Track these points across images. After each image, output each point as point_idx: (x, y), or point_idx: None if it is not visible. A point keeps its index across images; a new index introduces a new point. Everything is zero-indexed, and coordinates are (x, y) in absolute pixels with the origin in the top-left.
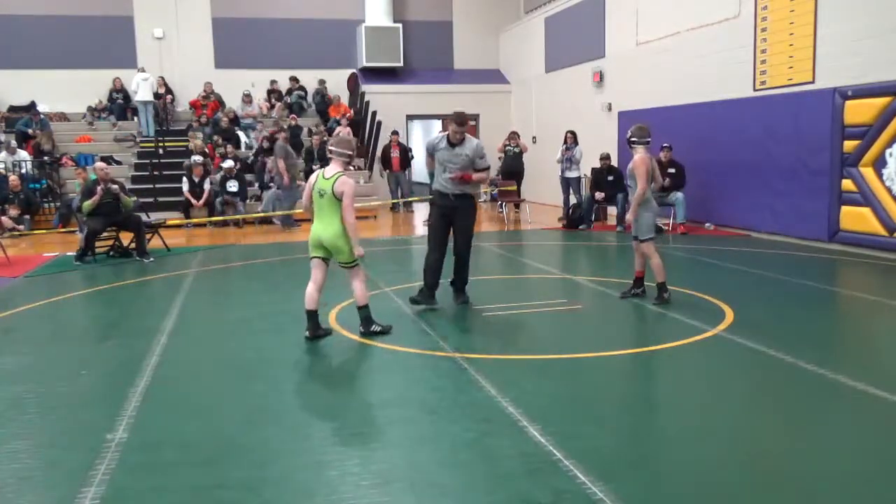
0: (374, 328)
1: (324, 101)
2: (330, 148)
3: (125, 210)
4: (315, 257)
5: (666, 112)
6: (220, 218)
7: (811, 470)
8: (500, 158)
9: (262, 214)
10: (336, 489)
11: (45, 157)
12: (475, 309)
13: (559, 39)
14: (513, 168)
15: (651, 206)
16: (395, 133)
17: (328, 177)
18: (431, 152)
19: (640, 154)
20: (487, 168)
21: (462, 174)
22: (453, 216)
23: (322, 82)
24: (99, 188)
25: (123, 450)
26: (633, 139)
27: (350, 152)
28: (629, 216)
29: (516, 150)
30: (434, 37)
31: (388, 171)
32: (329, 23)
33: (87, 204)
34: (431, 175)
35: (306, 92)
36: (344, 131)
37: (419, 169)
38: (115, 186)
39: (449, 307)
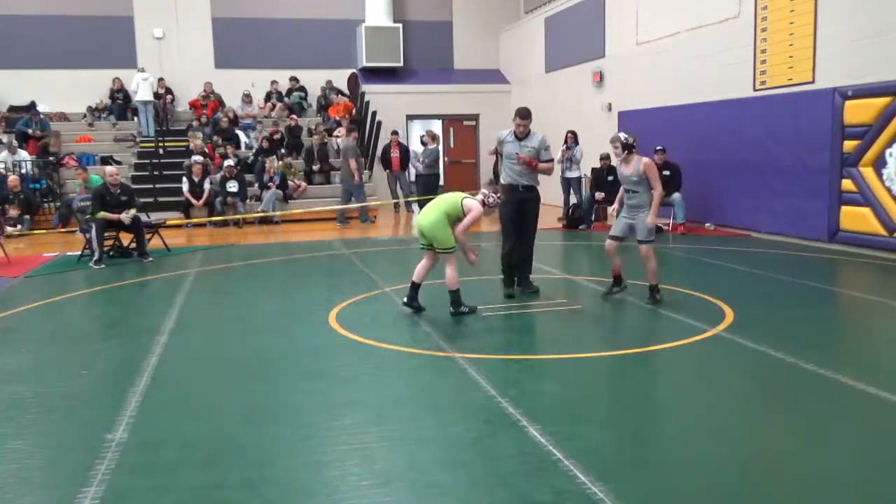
0: (462, 309)
1: (331, 102)
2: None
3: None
4: (422, 247)
5: (666, 112)
6: (220, 218)
7: (811, 470)
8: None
9: (262, 214)
10: (336, 489)
11: (51, 158)
12: None
13: (559, 39)
14: None
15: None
16: (395, 133)
17: (468, 195)
18: (499, 148)
19: (643, 157)
20: (552, 160)
21: (529, 158)
22: (524, 208)
23: (337, 88)
24: (124, 215)
25: (123, 450)
26: (634, 145)
27: (482, 195)
28: (650, 220)
29: None
30: (434, 37)
31: (388, 171)
32: (329, 23)
33: (103, 214)
34: (496, 175)
35: (306, 92)
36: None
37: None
38: (126, 197)
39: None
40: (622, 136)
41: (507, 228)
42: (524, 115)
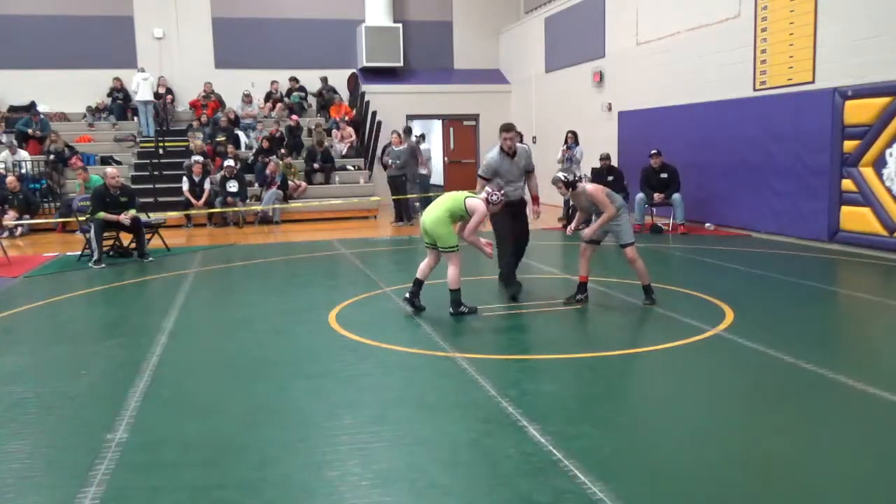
0: (462, 310)
1: (331, 101)
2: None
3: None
4: (426, 245)
5: (666, 112)
6: (219, 210)
7: (811, 470)
8: None
9: (262, 207)
10: (336, 489)
11: (54, 159)
12: None
13: (559, 39)
14: None
15: (625, 213)
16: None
17: (472, 193)
18: (492, 175)
19: (587, 185)
20: (533, 168)
21: (536, 203)
22: (515, 212)
23: (332, 87)
24: (123, 216)
25: (123, 450)
26: (575, 180)
27: (485, 193)
28: (587, 232)
29: None
30: (434, 37)
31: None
32: (329, 23)
33: (102, 214)
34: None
35: (306, 92)
36: (347, 131)
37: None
38: (126, 198)
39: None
40: (561, 175)
41: (503, 236)
42: (508, 127)
